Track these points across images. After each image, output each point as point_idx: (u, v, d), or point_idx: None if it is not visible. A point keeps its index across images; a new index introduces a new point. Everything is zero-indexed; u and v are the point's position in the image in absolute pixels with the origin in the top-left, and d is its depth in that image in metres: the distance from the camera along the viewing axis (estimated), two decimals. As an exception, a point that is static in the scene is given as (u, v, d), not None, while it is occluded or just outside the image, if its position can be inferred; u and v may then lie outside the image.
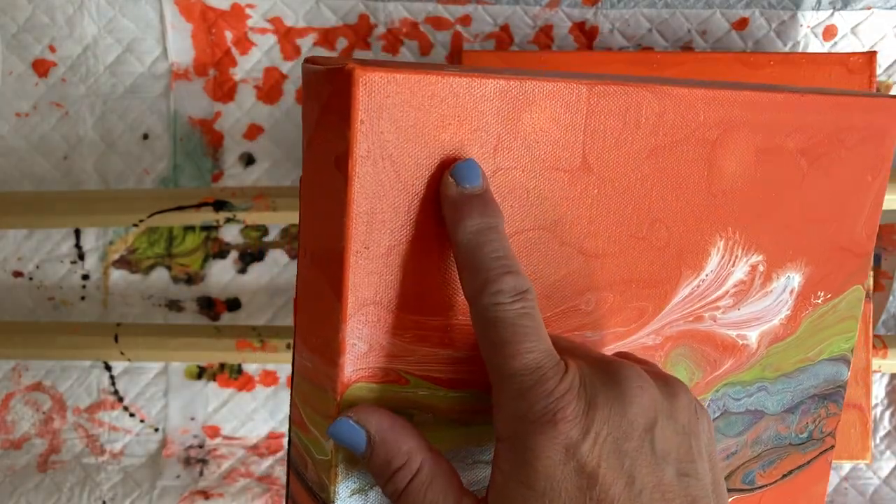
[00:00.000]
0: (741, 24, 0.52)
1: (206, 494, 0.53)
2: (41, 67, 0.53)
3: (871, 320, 0.48)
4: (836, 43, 0.54)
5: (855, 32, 0.53)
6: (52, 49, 0.52)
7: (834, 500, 0.56)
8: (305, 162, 0.23)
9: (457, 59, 0.50)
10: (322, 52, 0.52)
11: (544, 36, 0.52)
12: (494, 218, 0.22)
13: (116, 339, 0.50)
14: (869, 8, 0.53)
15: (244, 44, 0.52)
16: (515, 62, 0.46)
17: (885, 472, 0.56)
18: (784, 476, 0.34)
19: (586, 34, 0.52)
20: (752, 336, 0.31)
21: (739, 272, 0.30)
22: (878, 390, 0.56)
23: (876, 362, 0.50)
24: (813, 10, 0.52)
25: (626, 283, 0.27)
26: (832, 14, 0.53)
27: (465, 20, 0.52)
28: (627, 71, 0.45)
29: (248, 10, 0.51)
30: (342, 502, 0.23)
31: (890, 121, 0.32)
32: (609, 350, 0.27)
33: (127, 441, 0.55)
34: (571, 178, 0.25)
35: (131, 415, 0.54)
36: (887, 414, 0.56)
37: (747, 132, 0.28)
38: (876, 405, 0.56)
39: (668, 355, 0.29)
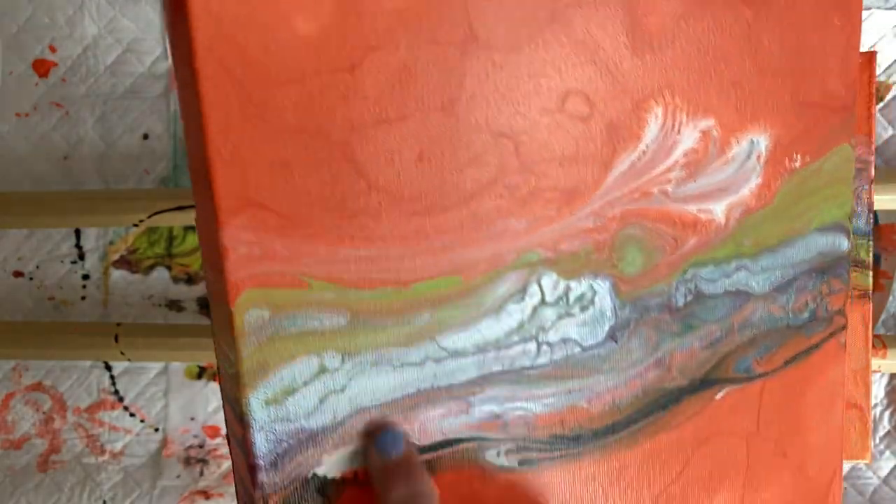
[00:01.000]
0: None
1: (206, 494, 0.54)
2: (41, 67, 0.54)
3: (871, 320, 0.48)
4: None
5: None
6: (52, 49, 0.53)
7: None
8: (177, 77, 0.22)
9: None
10: None
11: None
12: (420, 484, 0.23)
13: (117, 339, 0.51)
14: (868, 8, 0.53)
15: None
16: None
17: (884, 472, 0.58)
18: (787, 363, 0.32)
19: None
20: (718, 209, 0.29)
21: (688, 140, 0.27)
22: (878, 390, 0.57)
23: (875, 362, 0.51)
24: None
25: (546, 162, 0.25)
26: None
27: None
28: None
29: None
30: (256, 413, 0.23)
31: None
32: (551, 232, 0.26)
33: (127, 441, 0.55)
34: (459, 52, 0.23)
35: (131, 415, 0.55)
36: (887, 414, 0.57)
37: None
38: (875, 405, 0.57)
39: (616, 237, 0.27)
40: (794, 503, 0.32)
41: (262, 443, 0.23)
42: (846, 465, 0.56)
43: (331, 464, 0.24)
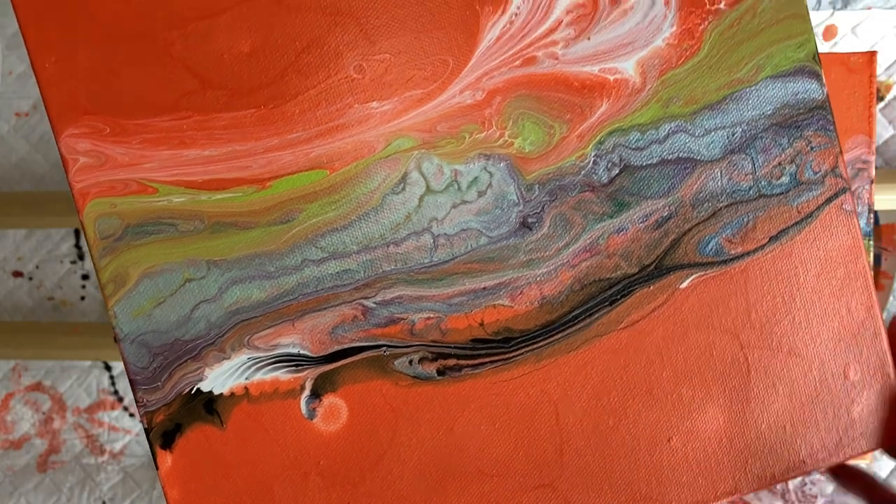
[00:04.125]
0: None
1: None
2: None
3: None
4: (836, 43, 0.56)
5: (855, 32, 0.55)
6: None
7: (834, 499, 0.58)
8: None
9: None
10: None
11: None
12: None
13: (116, 340, 0.54)
14: (869, 8, 0.55)
15: None
16: None
17: (885, 473, 0.58)
18: (774, 238, 0.28)
19: None
20: (627, 67, 0.27)
21: (569, -7, 0.26)
22: None
23: None
24: (813, 10, 0.54)
25: (400, 36, 0.25)
26: (832, 14, 0.55)
27: None
28: None
29: None
30: (124, 325, 0.24)
31: None
32: (423, 113, 0.25)
33: (127, 441, 0.58)
34: None
35: (131, 415, 0.57)
36: None
37: None
38: None
39: (502, 111, 0.26)
40: (808, 404, 0.27)
41: (134, 356, 0.24)
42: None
43: (215, 378, 0.24)
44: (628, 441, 0.27)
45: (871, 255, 0.50)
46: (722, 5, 0.27)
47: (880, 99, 0.58)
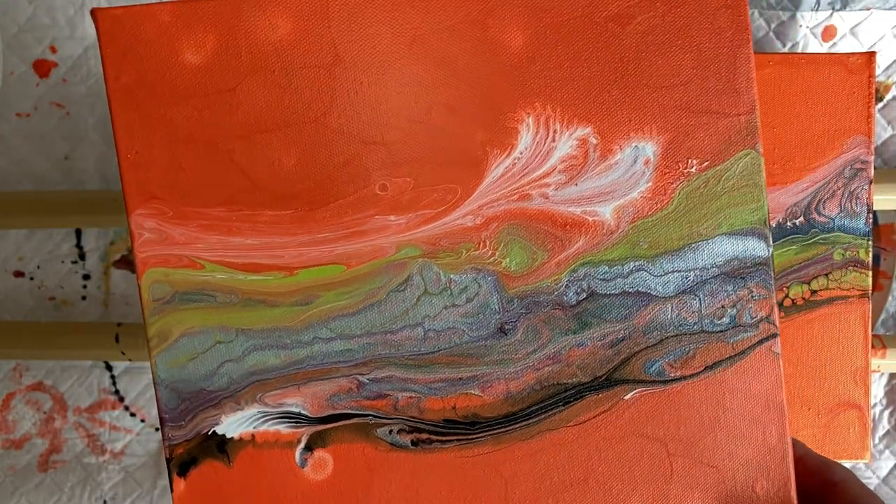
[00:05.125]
0: None
1: None
2: (42, 68, 0.55)
3: (870, 320, 0.50)
4: (835, 43, 0.57)
5: (854, 33, 0.57)
6: (52, 49, 0.55)
7: None
8: None
9: None
10: None
11: None
12: None
13: (117, 339, 0.53)
14: (868, 9, 0.56)
15: None
16: None
17: (884, 472, 0.60)
18: (708, 368, 0.33)
19: None
20: (605, 212, 0.32)
21: (565, 147, 0.32)
22: (877, 390, 0.60)
23: (875, 362, 0.53)
24: (812, 10, 0.55)
25: (421, 165, 0.31)
26: (831, 15, 0.56)
27: None
28: None
29: None
30: (162, 373, 0.30)
31: None
32: (431, 229, 0.32)
33: (128, 441, 0.58)
34: (328, 73, 0.30)
35: (132, 414, 0.58)
36: (886, 413, 0.60)
37: (512, 12, 0.31)
38: (875, 405, 0.60)
39: (496, 236, 0.32)
40: None
41: (166, 399, 0.30)
42: (846, 465, 0.58)
43: (229, 424, 0.30)
44: (562, 520, 0.33)
45: (871, 255, 0.51)
46: (693, 169, 0.33)
47: (879, 99, 0.59)
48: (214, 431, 0.31)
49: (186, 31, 0.30)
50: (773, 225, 0.50)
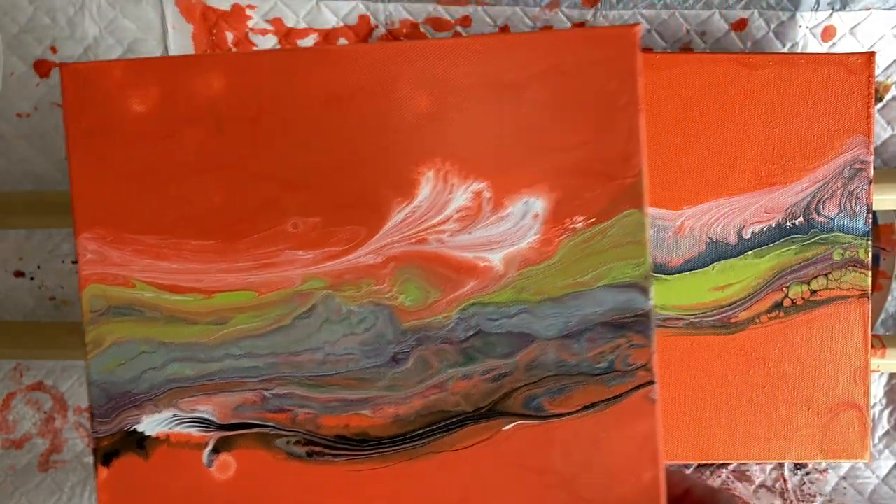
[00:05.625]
0: (740, 24, 0.57)
1: None
2: (42, 68, 0.56)
3: (870, 320, 0.51)
4: (834, 43, 0.58)
5: (853, 33, 0.58)
6: (53, 50, 0.56)
7: (833, 499, 0.60)
8: None
9: None
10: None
11: None
12: None
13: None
14: (868, 9, 0.57)
15: (245, 45, 0.56)
16: None
17: (883, 472, 0.61)
18: (586, 408, 0.37)
19: None
20: (495, 259, 0.36)
21: (460, 199, 0.36)
22: (877, 390, 0.60)
23: (875, 362, 0.55)
24: (812, 10, 0.56)
25: (331, 208, 0.36)
26: (831, 15, 0.57)
27: (465, 21, 0.57)
28: None
29: (248, 11, 0.55)
30: (95, 375, 0.35)
31: (618, 51, 0.36)
32: (335, 265, 0.36)
33: None
34: (253, 125, 0.35)
35: None
36: (886, 413, 0.60)
37: (418, 77, 0.35)
38: (874, 405, 0.60)
39: (395, 274, 0.36)
40: None
41: (97, 397, 0.35)
42: (845, 465, 0.60)
43: (148, 423, 0.35)
44: (440, 536, 0.36)
45: (870, 255, 0.52)
46: (579, 225, 0.37)
47: (879, 99, 0.59)
48: (135, 429, 0.36)
49: (135, 84, 0.35)
50: (773, 225, 0.51)
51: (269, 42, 0.56)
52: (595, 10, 0.56)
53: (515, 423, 0.37)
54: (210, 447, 0.36)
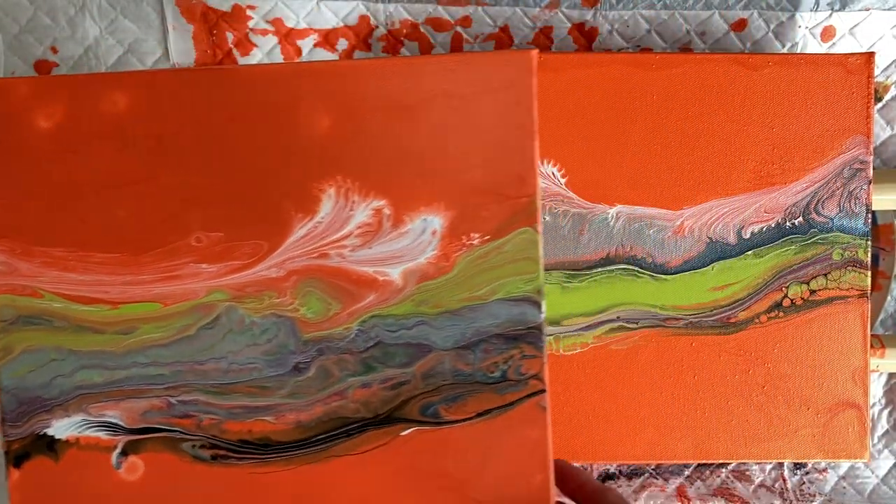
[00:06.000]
0: (740, 25, 0.57)
1: None
2: (43, 68, 0.57)
3: (869, 320, 0.52)
4: (834, 44, 0.58)
5: (853, 33, 0.58)
6: (53, 50, 0.56)
7: (832, 499, 0.61)
8: None
9: None
10: (323, 53, 0.57)
11: (544, 37, 0.57)
12: None
13: None
14: (867, 9, 0.57)
15: (245, 45, 0.56)
16: None
17: (882, 472, 0.61)
18: (480, 415, 0.39)
19: (585, 35, 0.57)
20: (394, 273, 0.38)
21: (361, 215, 0.38)
22: (876, 389, 0.60)
23: (874, 362, 0.55)
24: (811, 11, 0.57)
25: (234, 223, 0.37)
26: (830, 15, 0.57)
27: (465, 21, 0.57)
28: (627, 72, 0.50)
29: (248, 12, 0.55)
30: (6, 381, 0.37)
31: (515, 75, 0.37)
32: (238, 278, 0.37)
33: None
34: (158, 142, 0.36)
35: None
36: (885, 413, 0.61)
37: (320, 97, 0.37)
38: (874, 404, 0.61)
39: (297, 287, 0.38)
40: None
41: (7, 402, 0.37)
42: (844, 465, 0.60)
43: (58, 427, 0.37)
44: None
45: (869, 255, 0.52)
46: (475, 241, 0.38)
47: (878, 99, 0.59)
48: (45, 433, 0.38)
49: (41, 101, 0.36)
50: (773, 225, 0.51)
51: (269, 42, 0.57)
52: (595, 11, 0.57)
53: (412, 429, 0.39)
54: (118, 450, 0.38)
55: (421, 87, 0.37)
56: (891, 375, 0.60)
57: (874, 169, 0.55)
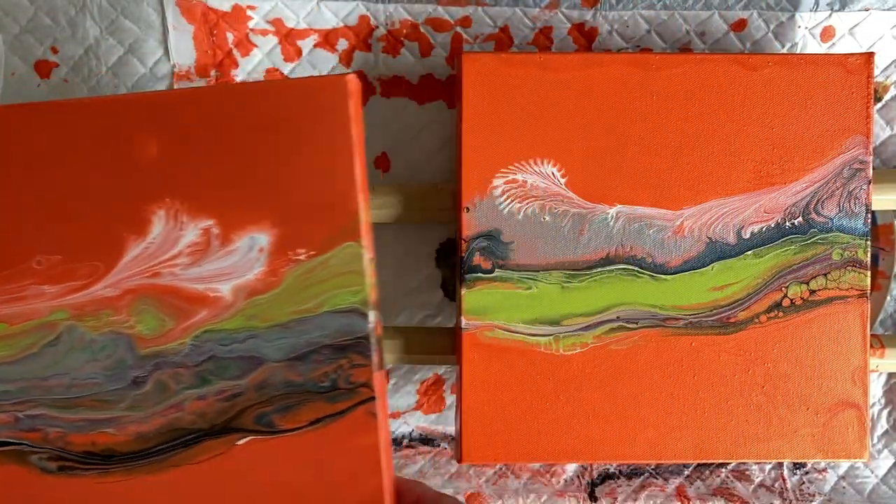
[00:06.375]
0: (739, 25, 0.58)
1: None
2: (43, 68, 0.57)
3: (869, 320, 0.52)
4: (833, 44, 0.59)
5: (853, 33, 0.59)
6: (54, 50, 0.56)
7: (832, 498, 0.62)
8: None
9: (457, 61, 0.54)
10: (323, 53, 0.58)
11: (543, 37, 0.59)
12: None
13: None
14: (867, 9, 0.58)
15: (245, 45, 0.57)
16: (515, 63, 0.51)
17: (882, 471, 0.62)
18: (312, 423, 0.40)
19: (585, 35, 0.59)
20: (224, 289, 0.40)
21: (190, 235, 0.40)
22: (876, 389, 0.61)
23: (873, 362, 0.55)
24: (811, 11, 0.58)
25: (71, 246, 0.40)
26: (830, 15, 0.58)
27: (465, 22, 0.58)
28: (627, 72, 0.51)
29: (249, 12, 0.56)
30: None
31: (332, 100, 0.39)
32: (77, 298, 0.40)
33: None
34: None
35: None
36: (885, 413, 0.62)
37: (148, 125, 0.39)
38: (873, 404, 0.61)
39: (132, 305, 0.40)
40: None
41: None
42: (844, 464, 0.61)
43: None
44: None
45: (869, 255, 0.53)
46: (302, 257, 0.40)
47: (878, 100, 0.60)
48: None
49: None
50: (773, 225, 0.52)
51: (269, 42, 0.57)
52: (595, 11, 0.58)
53: (248, 438, 0.41)
54: (-32, 464, 0.41)
55: (244, 113, 0.40)
56: (890, 375, 0.61)
57: (874, 169, 0.55)
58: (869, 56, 0.52)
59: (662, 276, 0.52)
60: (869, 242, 0.52)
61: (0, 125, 0.40)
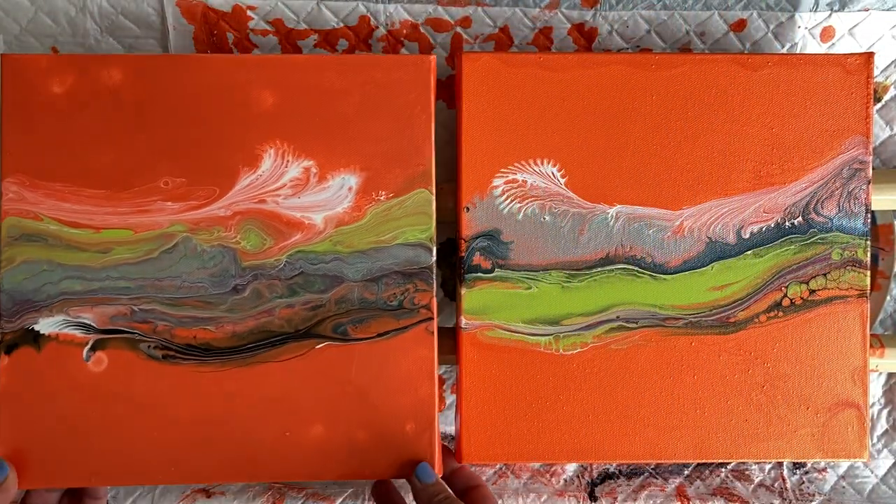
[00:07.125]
0: (739, 25, 0.59)
1: (207, 493, 0.59)
2: None
3: (869, 320, 0.53)
4: (833, 44, 0.59)
5: (852, 33, 0.59)
6: (54, 50, 0.57)
7: (832, 498, 0.61)
8: None
9: (457, 61, 0.53)
10: (324, 54, 0.59)
11: (543, 37, 0.59)
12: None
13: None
14: (866, 9, 0.58)
15: (245, 45, 0.58)
16: (515, 63, 0.52)
17: (882, 471, 0.62)
18: (380, 335, 0.49)
19: (585, 35, 0.59)
20: (317, 218, 0.49)
21: (293, 171, 0.49)
22: (876, 389, 0.61)
23: (873, 361, 0.56)
24: (811, 11, 0.58)
25: (193, 172, 0.49)
26: (830, 15, 0.58)
27: (465, 22, 0.58)
28: (627, 72, 0.52)
29: (249, 12, 0.57)
30: (6, 285, 0.48)
31: (416, 74, 0.49)
32: (195, 215, 0.48)
33: None
34: (140, 110, 0.49)
35: None
36: (884, 413, 0.62)
37: (266, 82, 0.49)
38: (873, 404, 0.62)
39: (240, 224, 0.49)
40: (380, 437, 0.49)
41: (5, 302, 0.47)
42: (844, 464, 0.62)
43: (43, 324, 0.48)
44: (261, 427, 0.49)
45: (869, 254, 0.52)
46: (382, 198, 0.50)
47: (877, 100, 0.59)
48: (33, 328, 0.48)
49: (56, 72, 0.48)
50: (772, 225, 0.52)
51: (269, 43, 0.57)
52: (595, 11, 0.58)
53: (325, 343, 0.49)
54: (89, 346, 0.49)
55: (345, 77, 0.50)
56: (890, 375, 0.61)
57: (873, 169, 0.55)
58: (868, 56, 0.52)
59: (662, 276, 0.52)
60: (868, 242, 0.52)
61: (147, 70, 0.49)
